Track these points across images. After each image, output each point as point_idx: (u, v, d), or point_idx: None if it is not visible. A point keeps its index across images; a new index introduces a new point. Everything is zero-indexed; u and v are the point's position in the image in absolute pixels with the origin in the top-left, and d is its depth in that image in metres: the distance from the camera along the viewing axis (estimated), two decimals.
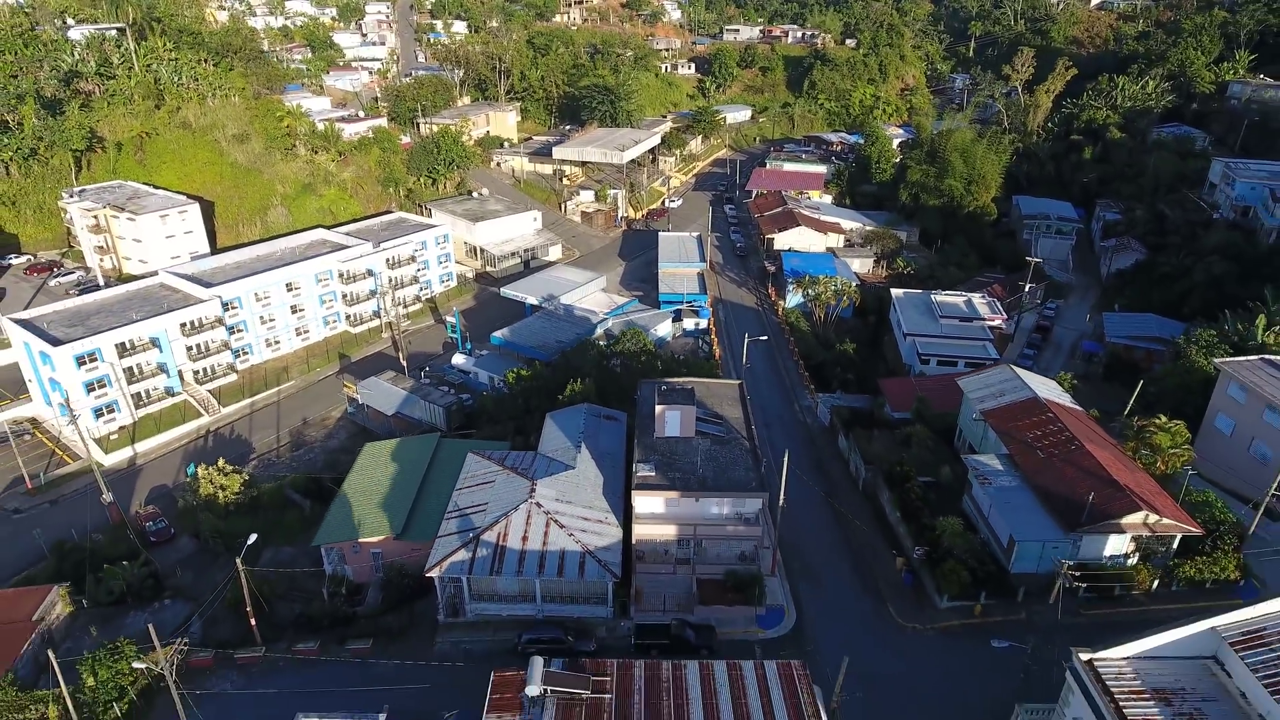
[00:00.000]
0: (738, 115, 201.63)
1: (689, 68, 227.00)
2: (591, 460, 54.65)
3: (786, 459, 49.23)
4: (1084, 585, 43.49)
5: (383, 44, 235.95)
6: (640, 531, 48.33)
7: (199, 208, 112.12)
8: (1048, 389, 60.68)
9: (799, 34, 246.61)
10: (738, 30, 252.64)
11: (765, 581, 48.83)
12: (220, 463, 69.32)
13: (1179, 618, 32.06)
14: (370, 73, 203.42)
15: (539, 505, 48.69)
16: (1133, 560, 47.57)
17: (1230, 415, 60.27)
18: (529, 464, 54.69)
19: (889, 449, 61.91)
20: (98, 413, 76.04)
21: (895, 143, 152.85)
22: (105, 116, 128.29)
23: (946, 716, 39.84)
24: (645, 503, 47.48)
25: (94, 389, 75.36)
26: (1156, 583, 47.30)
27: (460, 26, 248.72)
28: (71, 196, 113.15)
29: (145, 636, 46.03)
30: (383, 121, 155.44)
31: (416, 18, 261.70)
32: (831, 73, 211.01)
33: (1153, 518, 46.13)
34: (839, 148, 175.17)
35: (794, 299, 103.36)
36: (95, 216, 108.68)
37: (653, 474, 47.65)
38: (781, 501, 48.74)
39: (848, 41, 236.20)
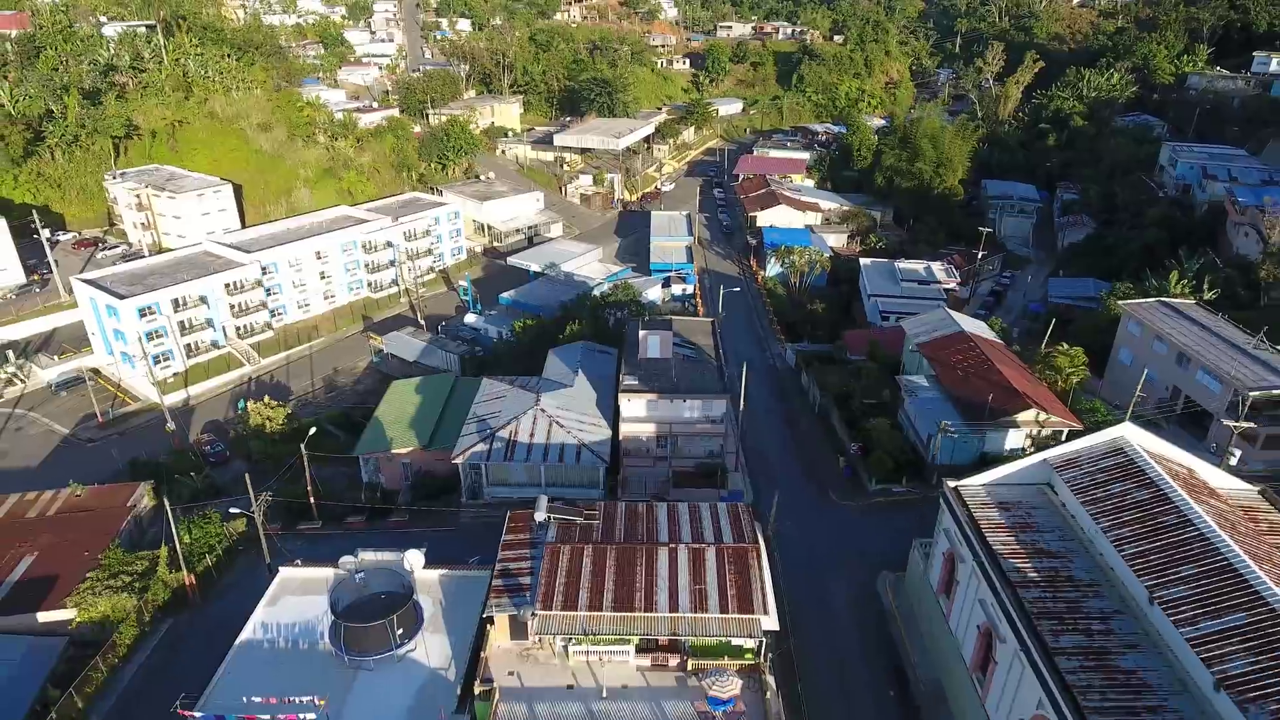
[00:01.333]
0: (729, 108, 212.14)
1: (684, 63, 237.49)
2: (587, 382, 65.29)
3: (745, 369, 59.94)
4: (954, 432, 54.81)
5: (391, 41, 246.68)
6: (626, 430, 59.00)
7: (231, 188, 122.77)
8: (974, 327, 71.33)
9: (789, 30, 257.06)
10: (731, 27, 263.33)
11: (729, 474, 59.49)
12: (266, 399, 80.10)
13: None
14: (380, 68, 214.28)
15: (543, 411, 59.38)
16: (1029, 451, 58.16)
17: (1130, 348, 70.84)
18: (535, 384, 65.42)
19: (842, 379, 72.49)
20: (155, 360, 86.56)
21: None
22: (139, 106, 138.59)
23: (860, 550, 50.83)
24: (630, 406, 58.13)
25: (153, 338, 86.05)
26: None
27: (464, 24, 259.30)
28: (115, 178, 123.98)
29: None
30: (395, 112, 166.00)
31: (423, 16, 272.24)
32: (819, 67, 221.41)
33: (1043, 415, 56.73)
34: (824, 137, 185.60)
35: (773, 269, 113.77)
36: (138, 195, 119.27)
37: (637, 382, 58.32)
38: (742, 407, 59.36)
39: (836, 38, 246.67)
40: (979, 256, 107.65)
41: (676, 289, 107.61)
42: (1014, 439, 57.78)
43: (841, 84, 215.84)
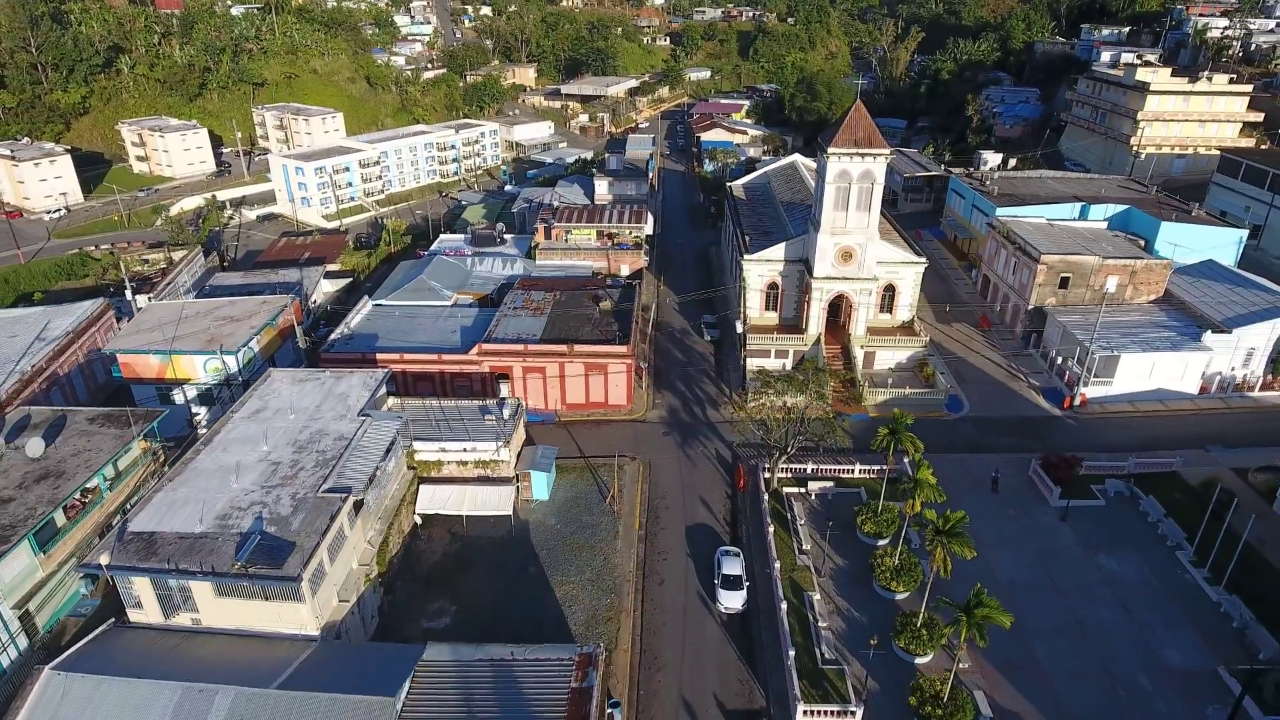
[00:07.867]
0: (699, 74, 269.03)
1: (665, 40, 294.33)
2: (579, 188, 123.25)
3: (659, 170, 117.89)
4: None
5: (428, 24, 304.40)
6: (598, 200, 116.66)
7: (342, 116, 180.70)
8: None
9: (751, 13, 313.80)
10: (704, 12, 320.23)
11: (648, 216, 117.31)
12: (394, 218, 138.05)
13: None
14: (422, 44, 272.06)
15: (556, 192, 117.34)
16: None
17: None
18: (552, 188, 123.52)
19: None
20: (323, 203, 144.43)
21: None
22: (264, 65, 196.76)
23: (704, 242, 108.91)
24: (600, 185, 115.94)
25: (322, 189, 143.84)
26: None
27: (486, 10, 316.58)
28: (260, 110, 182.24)
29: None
30: (444, 71, 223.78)
31: (451, 3, 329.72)
32: (771, 42, 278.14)
33: None
34: (768, 95, 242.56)
35: (709, 166, 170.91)
36: (280, 119, 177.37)
37: (603, 173, 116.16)
38: (658, 186, 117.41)
39: (789, 19, 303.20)
40: None
41: None
42: None
43: (789, 56, 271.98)
